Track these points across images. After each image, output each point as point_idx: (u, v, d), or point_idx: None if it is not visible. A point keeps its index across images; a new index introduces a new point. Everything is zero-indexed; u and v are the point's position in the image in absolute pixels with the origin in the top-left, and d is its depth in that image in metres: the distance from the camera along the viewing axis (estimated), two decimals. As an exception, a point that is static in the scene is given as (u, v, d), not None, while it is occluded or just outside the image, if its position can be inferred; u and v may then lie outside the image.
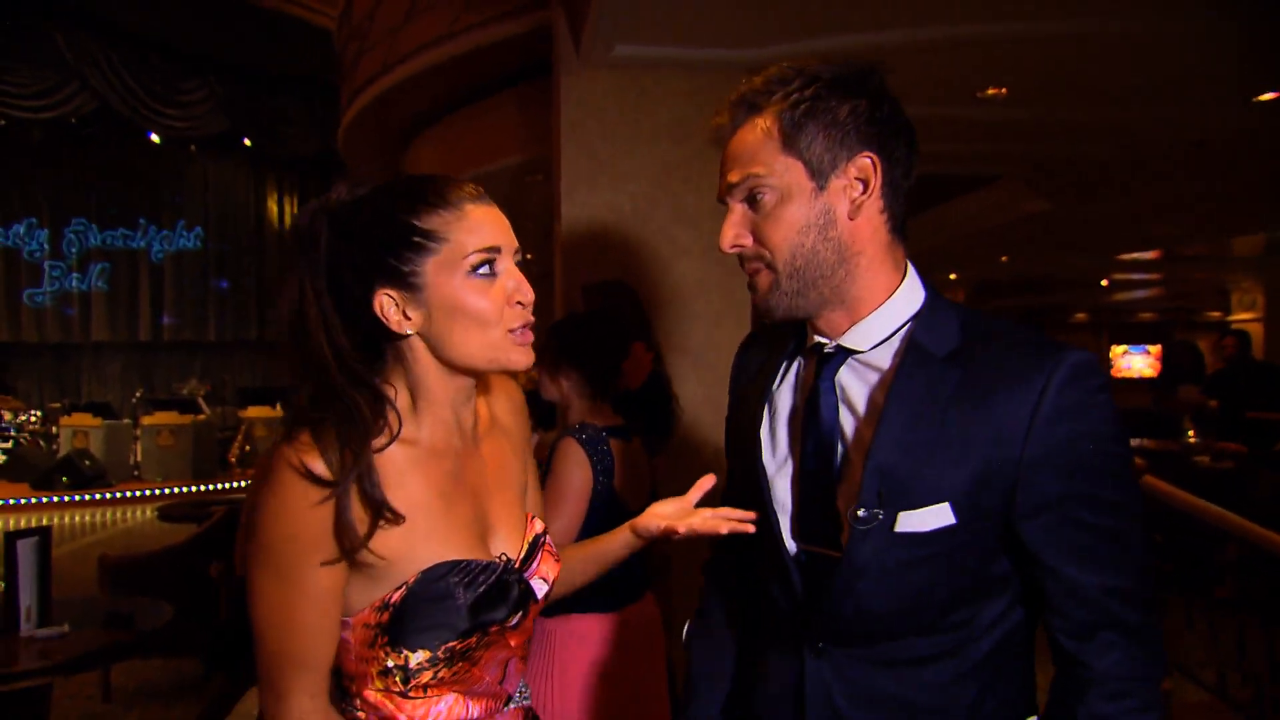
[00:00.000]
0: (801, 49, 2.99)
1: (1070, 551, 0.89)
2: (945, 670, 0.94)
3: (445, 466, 0.99)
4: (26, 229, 13.01)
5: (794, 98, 0.93)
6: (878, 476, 0.90)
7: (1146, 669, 0.91)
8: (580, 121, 3.21)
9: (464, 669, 0.96)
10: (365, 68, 5.42)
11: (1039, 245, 8.55)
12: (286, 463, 0.89)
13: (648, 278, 3.23)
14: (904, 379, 0.92)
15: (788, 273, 0.95)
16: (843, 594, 0.93)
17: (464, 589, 0.94)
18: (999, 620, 0.95)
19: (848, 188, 0.94)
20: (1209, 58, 3.36)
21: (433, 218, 0.94)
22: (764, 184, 0.94)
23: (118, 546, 7.11)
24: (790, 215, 0.94)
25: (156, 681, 3.99)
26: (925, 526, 0.90)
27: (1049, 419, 0.87)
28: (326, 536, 0.90)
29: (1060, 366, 0.88)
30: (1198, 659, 3.43)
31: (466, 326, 0.95)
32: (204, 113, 12.23)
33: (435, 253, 0.94)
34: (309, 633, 0.91)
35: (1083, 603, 0.90)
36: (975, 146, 4.77)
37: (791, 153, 0.93)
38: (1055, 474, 0.88)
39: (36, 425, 10.78)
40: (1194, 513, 2.97)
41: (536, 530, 1.09)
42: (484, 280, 0.95)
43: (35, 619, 2.59)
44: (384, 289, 0.94)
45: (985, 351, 0.92)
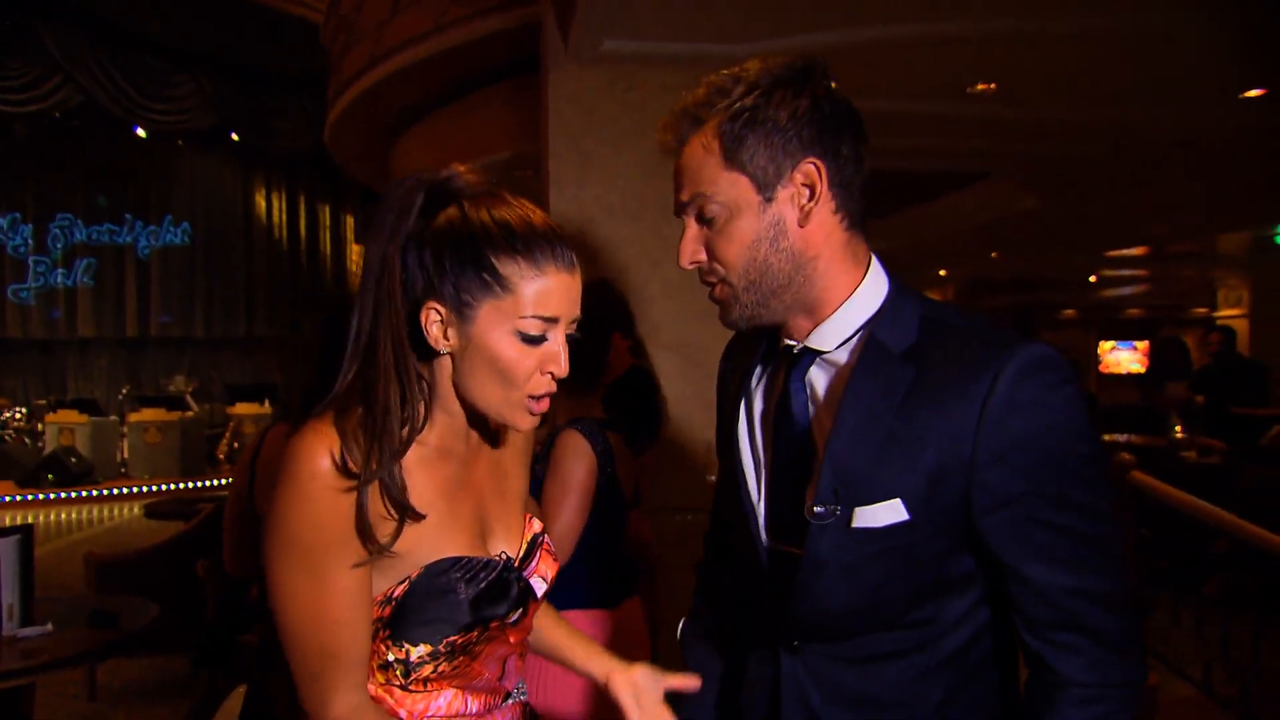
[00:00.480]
0: (789, 44, 2.99)
1: (1030, 550, 0.88)
2: (909, 667, 0.94)
3: (450, 467, 1.00)
4: (10, 224, 12.86)
5: (734, 109, 0.92)
6: (833, 473, 0.91)
7: (1115, 674, 0.89)
8: (569, 117, 3.20)
9: (464, 664, 0.96)
10: (352, 61, 5.39)
11: (1029, 242, 8.58)
12: (312, 450, 0.88)
13: (637, 273, 3.22)
14: (860, 377, 0.92)
15: (743, 286, 0.95)
16: (804, 591, 0.94)
17: (465, 584, 0.95)
18: (964, 619, 0.94)
19: (795, 195, 0.93)
20: (1197, 54, 3.38)
21: (511, 264, 0.92)
22: (711, 201, 0.94)
23: (104, 544, 7.07)
24: (740, 230, 0.94)
25: (143, 680, 3.97)
26: (879, 522, 0.90)
27: (1000, 415, 0.86)
28: (348, 521, 0.90)
29: (1010, 361, 0.86)
30: (1184, 654, 3.46)
31: (491, 375, 0.94)
32: (191, 107, 12.13)
33: (497, 297, 0.92)
34: (346, 626, 0.91)
35: (1045, 603, 0.89)
36: (965, 143, 4.78)
37: (734, 167, 0.93)
38: (1011, 471, 0.87)
39: (22, 422, 10.69)
40: (1181, 509, 2.98)
41: (535, 530, 1.10)
42: (528, 345, 0.94)
43: (18, 618, 2.56)
44: (435, 303, 0.93)
45: (941, 347, 0.91)
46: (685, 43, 3.05)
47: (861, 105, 0.96)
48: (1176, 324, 15.10)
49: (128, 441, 10.12)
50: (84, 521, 8.47)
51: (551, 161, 3.23)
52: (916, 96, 3.65)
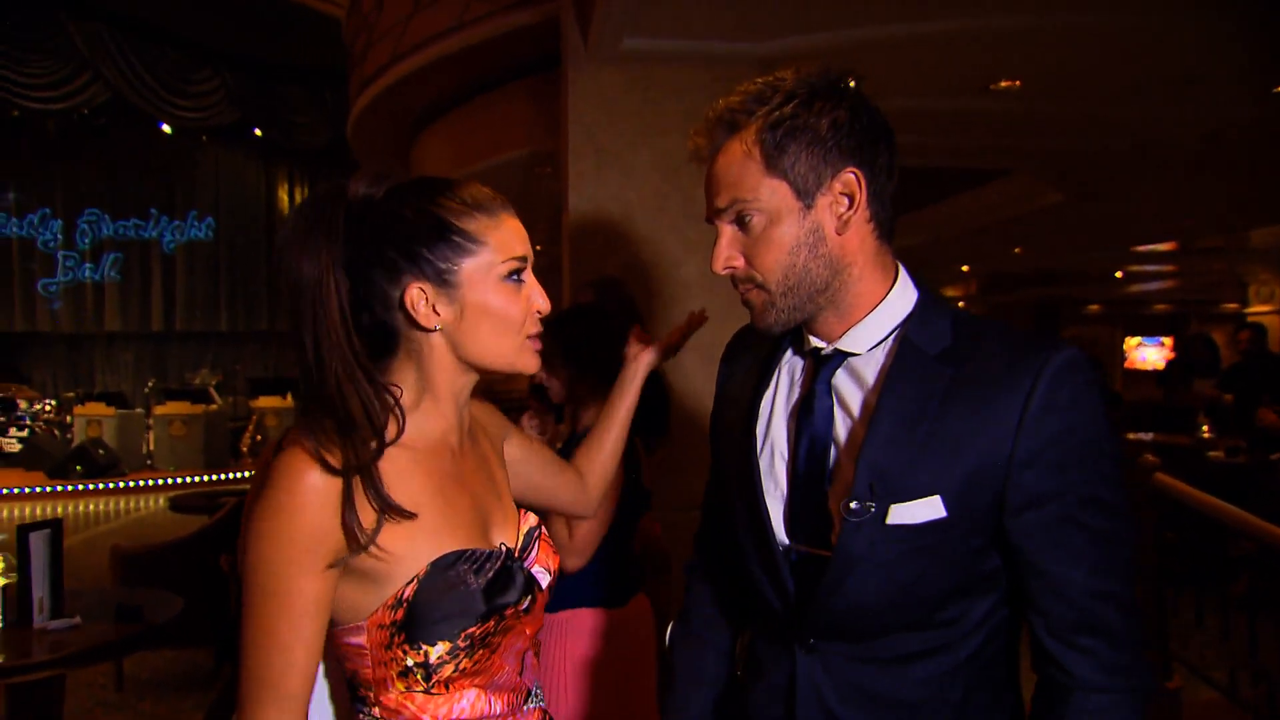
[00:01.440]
0: (812, 41, 2.97)
1: (1057, 550, 0.89)
2: (934, 667, 0.95)
3: (445, 463, 1.01)
4: (40, 219, 13.09)
5: (774, 116, 0.93)
6: (870, 470, 0.92)
7: (1129, 678, 0.90)
8: (588, 115, 3.20)
9: (484, 657, 0.96)
10: (374, 58, 5.41)
11: (1053, 238, 8.48)
12: (287, 470, 0.89)
13: (656, 273, 3.21)
14: (897, 377, 0.94)
15: (781, 292, 0.97)
16: (834, 588, 0.94)
17: (474, 575, 0.95)
18: (986, 619, 0.96)
19: (834, 204, 0.95)
20: (1227, 49, 3.32)
21: (471, 220, 0.98)
22: (751, 208, 0.95)
23: (130, 536, 7.18)
24: (780, 236, 0.95)
25: (169, 671, 4.03)
26: (916, 519, 0.90)
27: (1038, 415, 0.88)
28: (323, 541, 0.89)
29: (1050, 363, 0.88)
30: (1209, 658, 3.41)
31: (493, 328, 0.99)
32: (215, 103, 12.26)
33: (473, 254, 0.97)
34: (283, 652, 0.90)
35: (1067, 603, 0.90)
36: (988, 140, 4.73)
37: (775, 174, 0.94)
38: (1045, 471, 0.88)
39: (51, 414, 10.89)
40: (1206, 511, 2.94)
41: (530, 523, 1.11)
42: (514, 286, 1.00)
43: (48, 611, 2.62)
44: (417, 282, 0.96)
45: (977, 349, 0.93)
46: (705, 41, 3.04)
47: (883, 104, 0.97)
48: (1205, 319, 14.87)
49: (153, 434, 10.27)
50: (110, 513, 8.61)
51: (570, 159, 3.23)
52: (939, 94, 3.61)
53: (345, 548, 0.90)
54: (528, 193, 5.49)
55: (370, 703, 0.96)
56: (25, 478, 9.48)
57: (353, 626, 0.94)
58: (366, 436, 0.92)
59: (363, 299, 0.97)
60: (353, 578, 0.92)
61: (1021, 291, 13.60)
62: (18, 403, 10.68)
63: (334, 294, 0.93)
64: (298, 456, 0.89)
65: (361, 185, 0.99)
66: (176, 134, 12.83)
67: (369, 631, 0.93)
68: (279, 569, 0.89)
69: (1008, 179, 6.10)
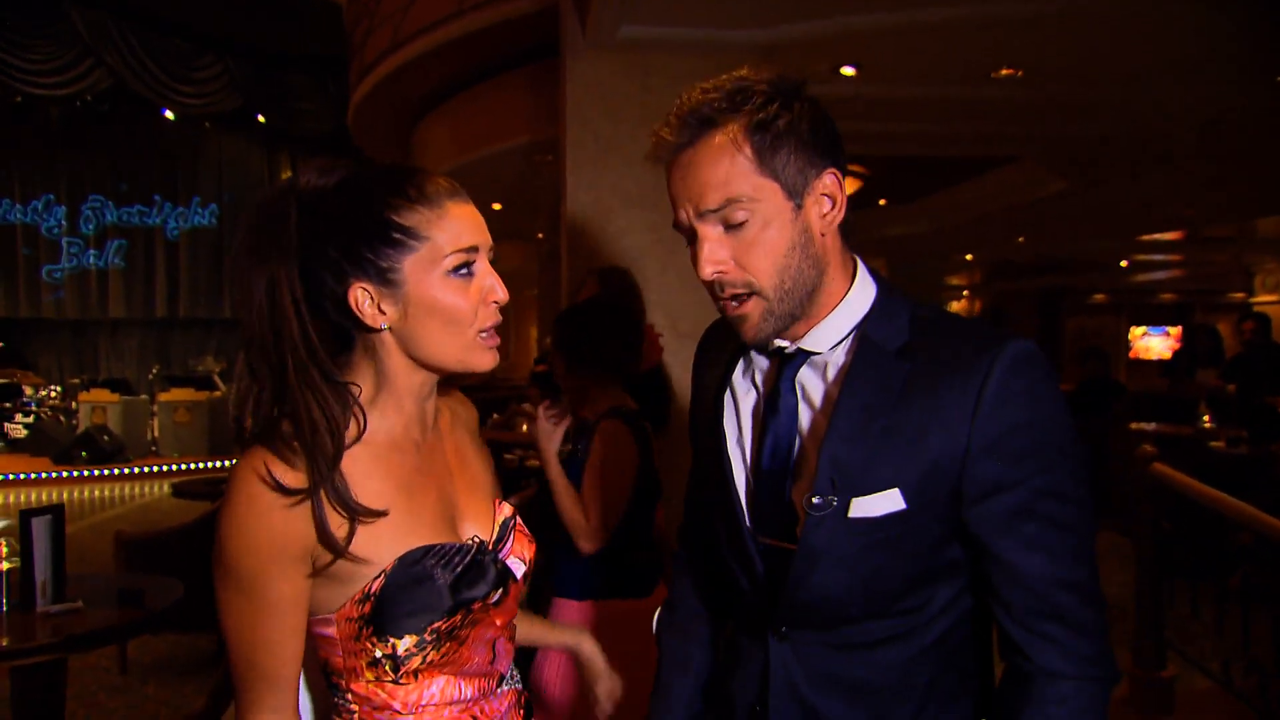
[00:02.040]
0: (811, 28, 2.95)
1: (1017, 539, 0.91)
2: (899, 652, 0.97)
3: (408, 459, 1.00)
4: (45, 205, 13.10)
5: (760, 116, 0.92)
6: (831, 465, 0.93)
7: (1091, 667, 0.92)
8: (586, 102, 3.19)
9: (452, 649, 0.97)
10: (374, 45, 5.40)
11: (1056, 226, 8.44)
12: (245, 478, 0.89)
13: (655, 261, 3.21)
14: (856, 374, 0.95)
15: (778, 296, 0.95)
16: (799, 581, 0.96)
17: (441, 569, 0.95)
18: (949, 606, 0.98)
19: (817, 204, 0.95)
20: (1226, 37, 3.29)
21: (412, 214, 0.94)
22: (745, 208, 0.92)
23: (134, 522, 7.23)
24: (774, 239, 0.93)
25: (172, 656, 4.07)
26: (876, 511, 0.92)
27: (992, 405, 0.89)
28: (287, 548, 0.90)
29: (1002, 354, 0.89)
30: (1204, 648, 3.42)
31: (441, 325, 0.95)
32: (218, 90, 12.24)
33: (414, 250, 0.93)
34: (271, 648, 0.92)
35: (1027, 591, 0.91)
36: (990, 128, 4.70)
37: (767, 173, 0.92)
38: (1000, 461, 0.90)
39: (57, 401, 10.94)
40: (1203, 502, 2.94)
41: (506, 513, 1.10)
42: (462, 280, 0.95)
43: (50, 595, 2.64)
44: (360, 282, 0.93)
45: (933, 344, 0.94)
46: (703, 28, 3.02)
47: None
48: (1210, 309, 14.80)
49: (158, 421, 10.32)
50: (115, 499, 8.67)
51: (569, 148, 3.23)
52: (940, 81, 3.59)
53: (313, 550, 0.91)
54: (529, 180, 5.49)
55: (343, 689, 0.98)
56: (31, 463, 9.54)
57: (323, 618, 0.95)
58: (325, 440, 0.91)
59: (316, 298, 0.95)
60: (321, 576, 0.93)
61: (1026, 280, 13.56)
62: (23, 389, 10.74)
63: (287, 295, 0.92)
64: (256, 467, 0.89)
65: (312, 176, 0.96)
66: (180, 121, 12.81)
67: (338, 624, 0.94)
68: (251, 573, 0.90)
69: (1009, 167, 6.07)
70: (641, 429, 1.98)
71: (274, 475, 0.88)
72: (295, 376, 0.91)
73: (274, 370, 0.92)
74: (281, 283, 0.92)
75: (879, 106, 2.92)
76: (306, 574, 0.92)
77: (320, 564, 0.92)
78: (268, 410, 0.93)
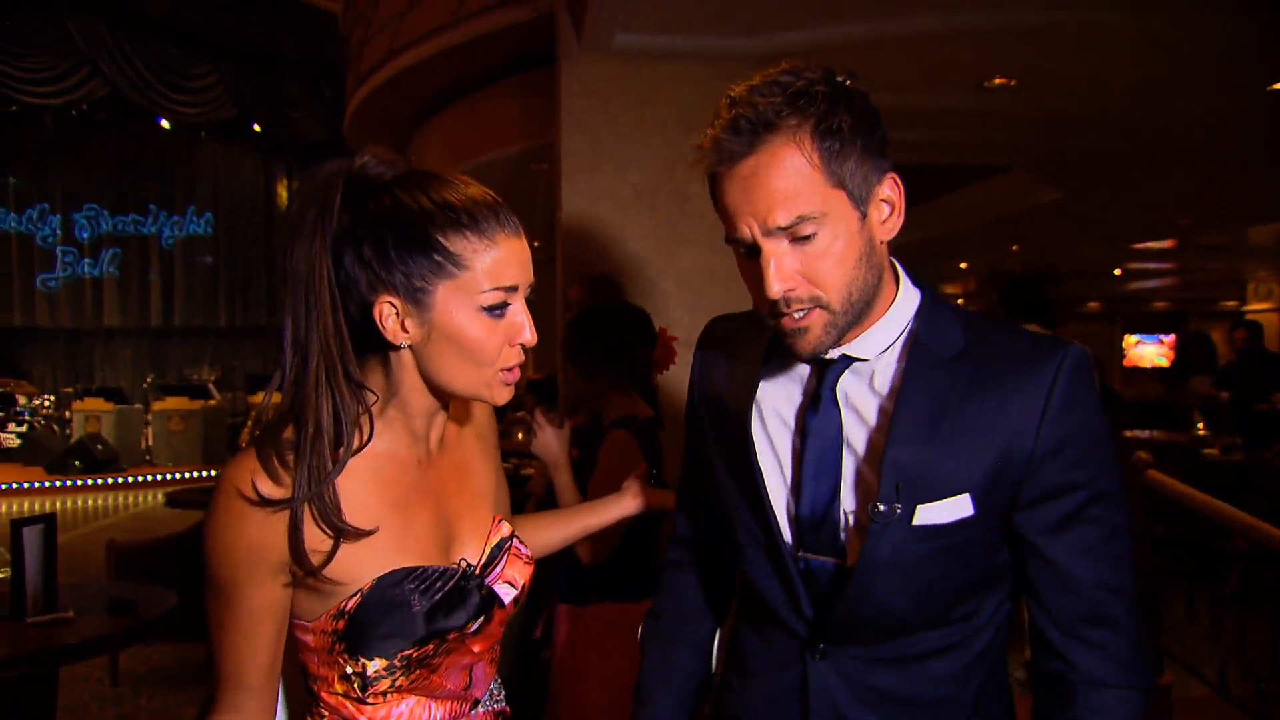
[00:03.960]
0: (804, 37, 2.97)
1: (1069, 542, 0.90)
2: (952, 663, 0.95)
3: (407, 476, 0.96)
4: (39, 214, 13.09)
5: (828, 121, 0.85)
6: (895, 470, 0.89)
7: (1134, 676, 0.90)
8: (581, 110, 3.20)
9: (423, 676, 0.94)
10: (370, 54, 5.41)
11: (1050, 235, 8.48)
12: (227, 486, 0.87)
13: (651, 267, 3.22)
14: (914, 377, 0.92)
15: (844, 309, 0.90)
16: (859, 595, 0.92)
17: (419, 596, 0.92)
18: (997, 611, 0.96)
19: (877, 211, 0.91)
20: (1218, 47, 3.31)
21: (460, 240, 0.88)
22: (819, 223, 0.87)
23: (128, 530, 7.20)
24: (844, 251, 0.88)
25: (164, 666, 4.04)
26: (944, 519, 0.89)
27: (1059, 410, 0.88)
28: (266, 555, 0.88)
29: (1068, 358, 0.89)
30: (1200, 654, 3.42)
31: (461, 357, 0.90)
32: (213, 99, 12.25)
33: (452, 276, 0.88)
34: (239, 653, 0.91)
35: (1076, 596, 0.90)
36: (983, 137, 4.73)
37: (834, 182, 0.87)
38: (1063, 465, 0.89)
39: (50, 410, 10.90)
40: (1197, 508, 2.95)
41: (502, 533, 1.05)
42: (493, 318, 0.90)
43: (41, 605, 2.62)
44: (388, 296, 0.88)
45: (990, 348, 0.92)
46: (698, 37, 3.04)
47: (876, 100, 0.93)
48: (1204, 317, 14.85)
49: (152, 429, 10.29)
50: (109, 508, 8.62)
51: (564, 155, 3.23)
52: (933, 90, 3.61)
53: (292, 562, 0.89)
54: (524, 188, 5.49)
55: (317, 693, 0.97)
56: (24, 473, 9.49)
57: (301, 624, 0.94)
58: (326, 452, 0.87)
59: (343, 293, 0.90)
60: (302, 586, 0.92)
61: (1020, 289, 13.57)
62: (17, 398, 10.70)
63: (326, 281, 0.87)
64: (242, 474, 0.87)
65: (370, 161, 0.91)
66: (175, 129, 12.82)
67: (314, 634, 0.93)
68: (228, 580, 0.89)
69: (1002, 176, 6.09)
70: (651, 439, 1.96)
71: (257, 486, 0.86)
72: (318, 372, 0.87)
73: (300, 366, 0.88)
74: (322, 270, 0.87)
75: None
76: (285, 584, 0.91)
77: (299, 576, 0.90)
78: (285, 402, 0.89)
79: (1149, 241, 9.23)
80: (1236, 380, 6.20)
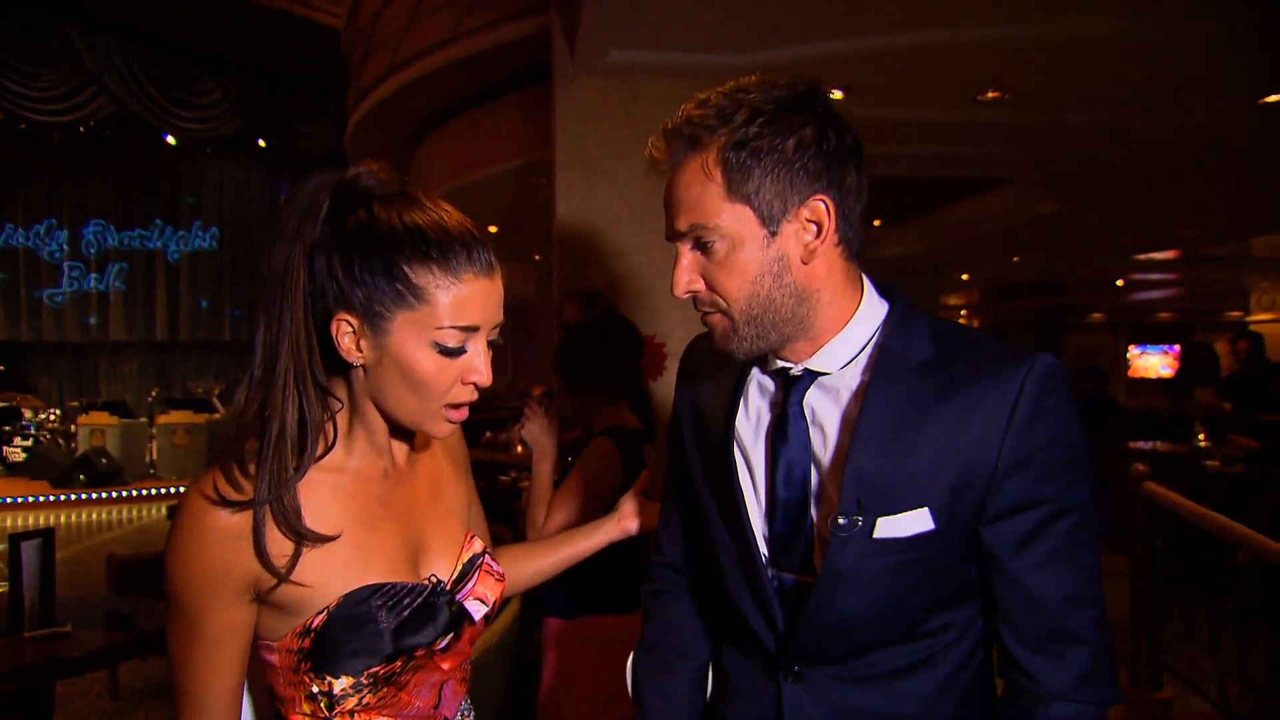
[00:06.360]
0: (795, 53, 2.99)
1: (1032, 557, 0.88)
2: (926, 681, 0.93)
3: (372, 491, 0.96)
4: (46, 230, 13.19)
5: (738, 135, 0.87)
6: (856, 483, 0.89)
7: (1096, 691, 0.89)
8: (575, 126, 3.23)
9: (390, 694, 0.93)
10: (371, 70, 5.46)
11: (1051, 246, 8.47)
12: (190, 505, 0.87)
13: (644, 282, 3.24)
14: (879, 387, 0.91)
15: (745, 320, 0.92)
16: (821, 607, 0.91)
17: (386, 612, 0.91)
18: (969, 628, 0.95)
19: (800, 231, 0.90)
20: (1215, 60, 3.32)
21: (425, 273, 0.87)
22: (712, 234, 0.90)
23: (131, 544, 7.21)
24: (742, 263, 0.90)
25: (164, 680, 4.04)
26: (904, 532, 0.88)
27: (1026, 421, 0.86)
28: (228, 576, 0.87)
29: (1035, 370, 0.87)
30: (1200, 669, 3.39)
31: (407, 387, 0.90)
32: (219, 115, 12.35)
33: (412, 308, 0.87)
34: (202, 677, 0.90)
35: (1039, 611, 0.89)
36: (977, 150, 4.74)
37: (738, 198, 0.88)
38: (1029, 478, 0.87)
39: (56, 424, 10.93)
40: (1196, 521, 2.93)
41: (474, 550, 1.05)
42: (445, 358, 0.89)
43: (39, 619, 2.63)
44: (346, 314, 0.88)
45: (960, 358, 0.91)
46: (689, 53, 3.07)
47: (865, 113, 0.96)
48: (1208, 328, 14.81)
49: (156, 443, 10.31)
50: (113, 521, 8.64)
51: (559, 171, 3.26)
52: (926, 105, 3.62)
53: (258, 579, 0.89)
54: (524, 202, 5.53)
55: (284, 715, 0.96)
56: (29, 487, 9.52)
57: (267, 644, 0.94)
58: (289, 455, 0.87)
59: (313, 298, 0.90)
60: (267, 604, 0.91)
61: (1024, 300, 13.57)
62: (23, 412, 10.74)
63: (300, 287, 0.88)
64: (204, 494, 0.86)
65: (364, 175, 0.91)
66: (181, 145, 12.92)
67: (279, 653, 0.93)
68: (189, 601, 0.88)
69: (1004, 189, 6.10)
70: (634, 450, 1.95)
71: (218, 491, 0.86)
72: (286, 374, 0.87)
73: (268, 368, 0.88)
74: (298, 274, 0.88)
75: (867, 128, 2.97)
76: (248, 604, 0.90)
77: (263, 589, 0.89)
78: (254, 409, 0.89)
79: (1152, 252, 9.22)
80: (1239, 391, 6.17)
